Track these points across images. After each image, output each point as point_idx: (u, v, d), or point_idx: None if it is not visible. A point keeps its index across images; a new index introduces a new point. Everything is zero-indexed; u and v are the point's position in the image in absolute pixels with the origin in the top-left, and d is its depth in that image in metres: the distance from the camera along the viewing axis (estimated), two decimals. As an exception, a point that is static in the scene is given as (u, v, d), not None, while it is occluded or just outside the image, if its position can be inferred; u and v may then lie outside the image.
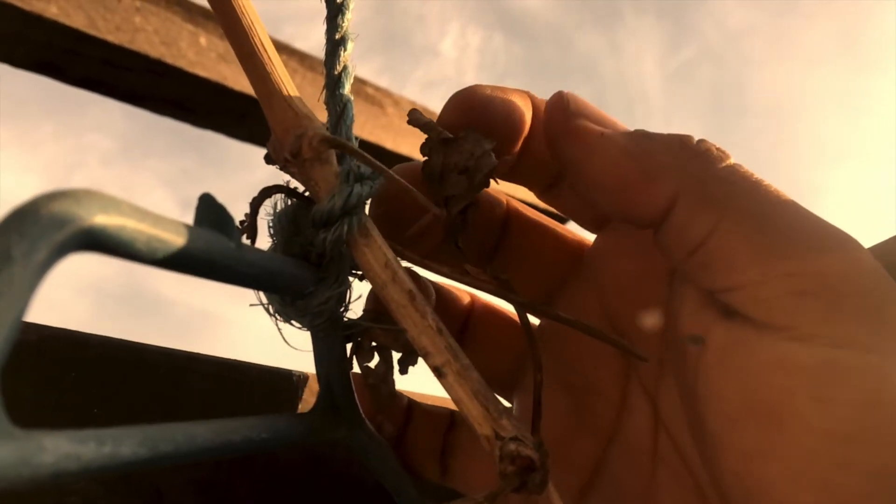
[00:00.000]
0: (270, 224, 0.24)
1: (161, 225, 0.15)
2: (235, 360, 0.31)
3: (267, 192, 0.24)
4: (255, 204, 0.23)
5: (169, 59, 0.75)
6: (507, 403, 0.23)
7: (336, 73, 0.26)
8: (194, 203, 0.23)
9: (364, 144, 0.85)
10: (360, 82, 1.00)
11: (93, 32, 0.69)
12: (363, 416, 0.24)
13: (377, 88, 1.03)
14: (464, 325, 0.28)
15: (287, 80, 0.24)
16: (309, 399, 0.33)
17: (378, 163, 0.22)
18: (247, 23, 0.23)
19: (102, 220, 0.13)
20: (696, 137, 0.21)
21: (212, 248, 0.16)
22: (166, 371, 0.28)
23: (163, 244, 0.15)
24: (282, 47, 0.90)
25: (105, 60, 0.72)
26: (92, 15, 0.70)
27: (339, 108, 0.26)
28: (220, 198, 0.24)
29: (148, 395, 0.27)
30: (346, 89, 0.26)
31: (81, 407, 0.25)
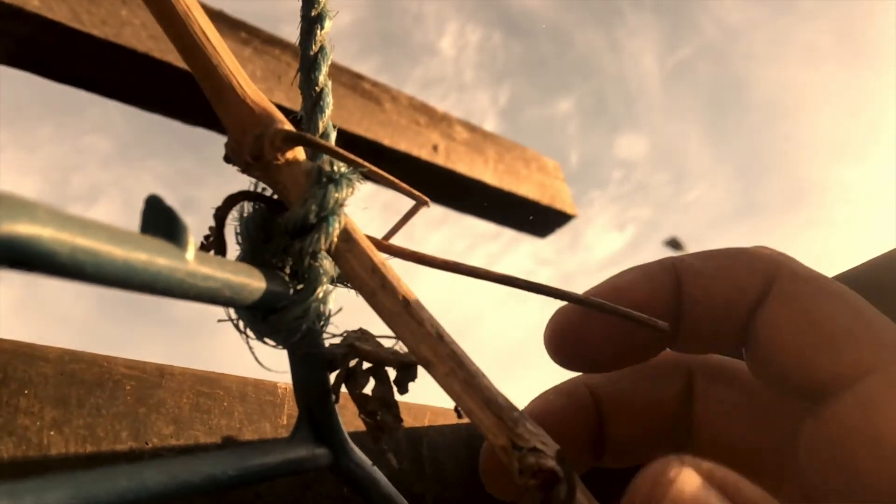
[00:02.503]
0: (237, 231, 0.21)
1: (89, 233, 0.12)
2: (213, 373, 0.28)
3: (232, 200, 0.21)
4: (221, 214, 0.21)
5: (157, 54, 0.72)
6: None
7: (312, 53, 0.24)
8: (194, 204, 0.20)
9: (361, 141, 0.82)
10: (356, 77, 0.97)
11: (77, 26, 0.67)
12: (349, 440, 0.21)
13: (374, 83, 1.01)
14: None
15: (238, 71, 0.21)
16: (294, 413, 0.30)
17: (354, 157, 0.20)
18: (182, 9, 0.21)
19: (8, 228, 0.10)
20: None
21: (157, 260, 0.14)
22: (134, 387, 0.25)
23: (92, 256, 0.12)
24: (275, 41, 0.87)
25: (90, 55, 0.69)
26: (76, 8, 0.68)
27: (314, 94, 0.23)
28: (222, 198, 0.22)
29: (112, 415, 0.24)
30: (323, 72, 0.24)
31: (34, 431, 0.22)
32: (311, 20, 0.23)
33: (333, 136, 0.24)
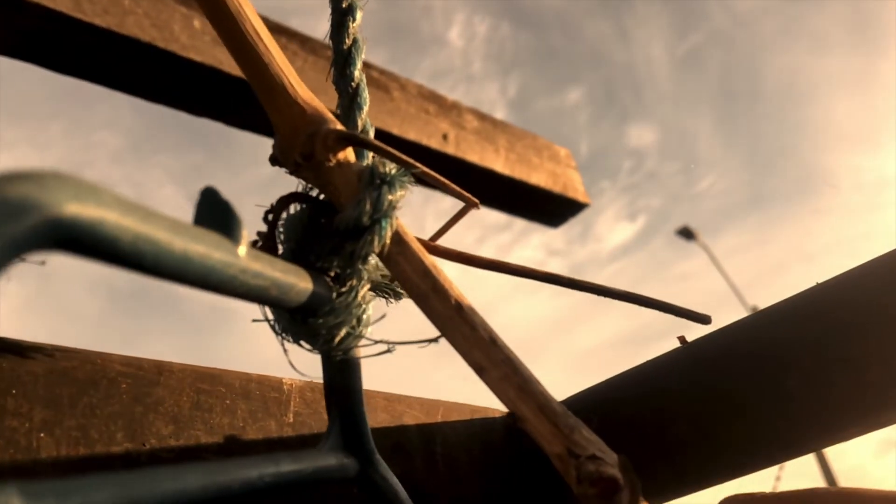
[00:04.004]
0: (280, 230, 0.21)
1: (152, 221, 0.11)
2: (214, 369, 0.27)
3: (285, 202, 0.21)
4: (274, 217, 0.20)
5: (161, 44, 0.71)
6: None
7: (345, 47, 0.23)
8: None
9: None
10: (364, 65, 0.95)
11: (78, 16, 0.66)
12: (376, 451, 0.20)
13: (382, 72, 0.99)
14: None
15: (289, 70, 0.21)
16: (301, 411, 0.29)
17: (407, 158, 0.19)
18: (234, 7, 0.20)
19: (76, 209, 0.10)
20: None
21: (213, 254, 0.13)
22: (130, 385, 0.24)
23: (153, 246, 0.11)
24: (281, 30, 0.86)
25: (92, 46, 0.68)
26: (77, -3, 0.66)
27: (350, 90, 0.23)
28: (230, 193, 0.21)
29: (107, 415, 0.23)
30: (358, 67, 0.23)
31: (23, 433, 0.21)
32: (341, 12, 0.22)
33: (372, 132, 0.23)
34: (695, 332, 0.38)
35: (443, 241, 0.23)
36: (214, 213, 0.14)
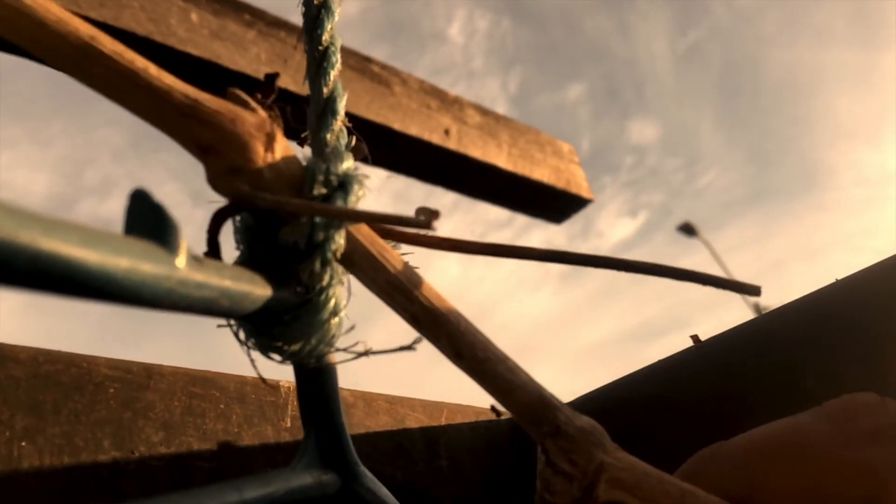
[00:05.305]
0: (237, 228, 0.19)
1: (58, 234, 0.09)
2: (208, 372, 0.25)
3: (223, 215, 0.19)
4: (213, 229, 0.19)
5: (157, 37, 0.70)
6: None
7: (314, 9, 0.22)
8: (206, 196, 0.19)
9: (370, 125, 0.79)
10: (365, 60, 0.94)
11: (74, 9, 0.64)
12: (359, 462, 0.19)
13: (383, 66, 0.98)
14: None
15: (176, 89, 0.20)
16: (299, 415, 0.27)
17: (331, 208, 0.18)
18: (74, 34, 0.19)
19: None
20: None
21: (141, 267, 0.11)
22: (118, 389, 0.23)
23: (60, 264, 0.09)
24: (281, 23, 0.84)
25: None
26: (72, -10, 0.65)
27: (317, 53, 0.21)
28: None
29: (93, 421, 0.22)
30: (328, 29, 0.21)
31: (3, 442, 0.20)
32: None
33: (343, 101, 0.21)
34: (705, 331, 0.37)
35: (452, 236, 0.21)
36: (146, 220, 0.13)
